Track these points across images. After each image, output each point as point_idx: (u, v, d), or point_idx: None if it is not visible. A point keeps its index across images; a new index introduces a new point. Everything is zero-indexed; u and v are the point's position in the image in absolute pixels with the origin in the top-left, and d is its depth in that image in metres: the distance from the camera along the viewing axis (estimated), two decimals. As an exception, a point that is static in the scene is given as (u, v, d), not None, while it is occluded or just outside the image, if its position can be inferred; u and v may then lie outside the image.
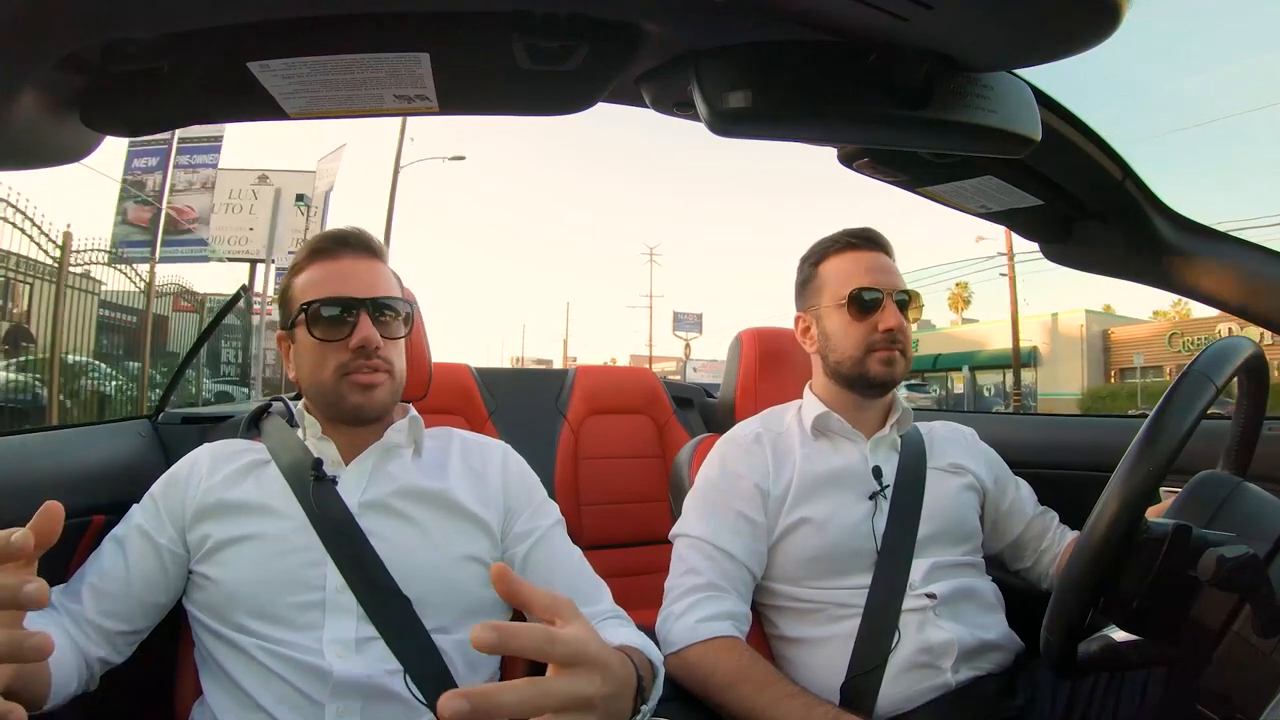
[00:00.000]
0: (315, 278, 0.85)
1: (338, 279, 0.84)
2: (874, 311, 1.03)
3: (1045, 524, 1.11)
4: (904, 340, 1.04)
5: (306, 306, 0.83)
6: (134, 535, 0.81)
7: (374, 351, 0.82)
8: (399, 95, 0.67)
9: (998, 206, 1.00)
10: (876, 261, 1.06)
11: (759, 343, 1.35)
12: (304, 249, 0.89)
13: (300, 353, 0.86)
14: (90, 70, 0.62)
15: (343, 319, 0.82)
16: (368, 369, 0.82)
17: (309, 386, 0.87)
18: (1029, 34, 0.56)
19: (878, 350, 1.03)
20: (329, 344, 0.82)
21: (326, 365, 0.82)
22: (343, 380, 0.82)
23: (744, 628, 0.96)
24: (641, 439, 1.95)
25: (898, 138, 0.69)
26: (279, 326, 0.91)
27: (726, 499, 1.02)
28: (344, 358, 0.82)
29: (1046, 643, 0.66)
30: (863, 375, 1.04)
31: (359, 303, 0.83)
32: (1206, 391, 0.63)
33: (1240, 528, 0.64)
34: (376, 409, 0.84)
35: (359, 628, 0.77)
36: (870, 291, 1.03)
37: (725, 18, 0.60)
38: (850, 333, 1.04)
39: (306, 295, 0.84)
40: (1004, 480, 1.13)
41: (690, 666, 0.91)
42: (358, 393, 0.83)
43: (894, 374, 1.04)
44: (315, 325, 0.82)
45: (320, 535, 0.79)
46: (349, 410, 0.84)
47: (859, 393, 1.06)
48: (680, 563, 1.01)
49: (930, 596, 0.94)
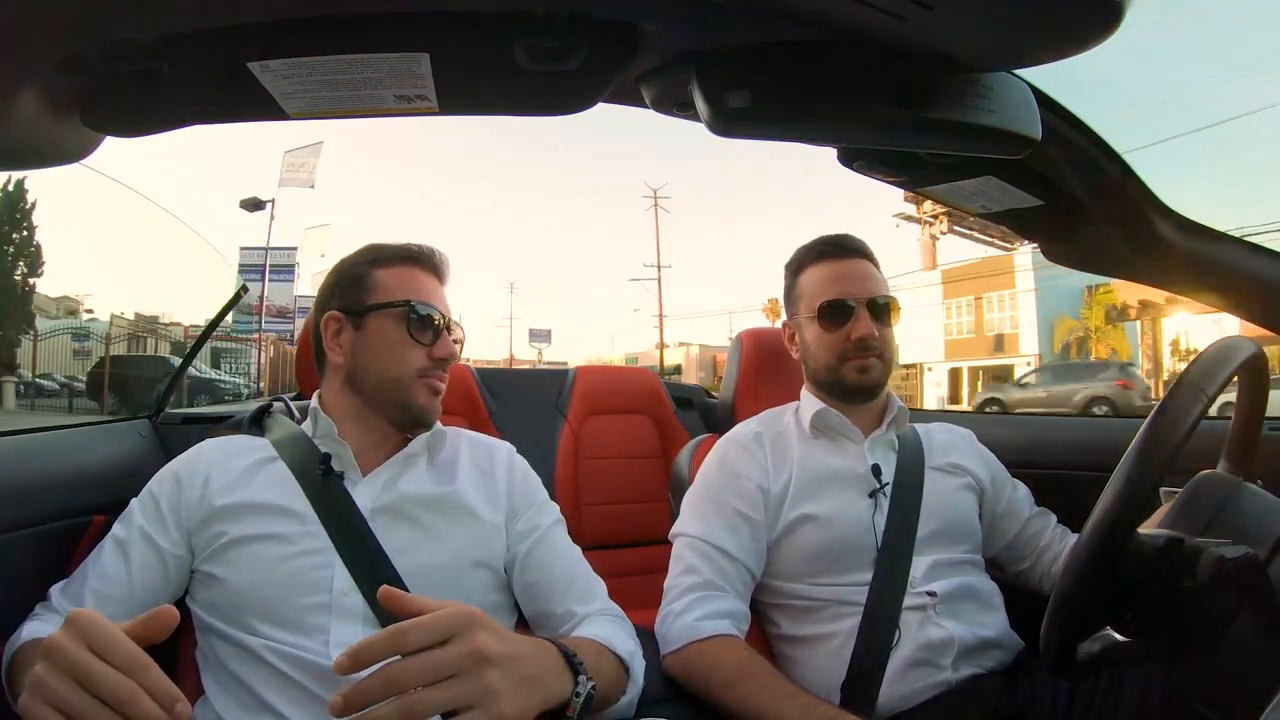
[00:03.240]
0: (409, 282, 0.89)
1: (430, 292, 0.90)
2: (846, 321, 1.05)
3: (1042, 525, 1.11)
4: (880, 346, 1.05)
5: (413, 305, 0.87)
6: (136, 538, 0.80)
7: (448, 365, 0.89)
8: (399, 95, 0.67)
9: (998, 206, 1.00)
10: (849, 269, 1.08)
11: (759, 343, 1.35)
12: (398, 249, 0.92)
13: (377, 342, 0.87)
14: (90, 70, 0.62)
15: (434, 326, 0.88)
16: (441, 379, 0.89)
17: (375, 376, 0.86)
18: (1029, 34, 0.56)
19: (851, 359, 1.05)
20: (419, 346, 0.87)
21: (410, 363, 0.86)
22: (418, 381, 0.86)
23: (743, 626, 0.97)
24: (642, 439, 1.95)
25: (898, 138, 0.70)
26: (329, 306, 0.90)
27: (724, 498, 1.02)
28: (425, 363, 0.87)
29: (1046, 642, 0.66)
30: (839, 383, 1.06)
31: (446, 319, 0.90)
32: (1199, 402, 0.63)
33: (1240, 528, 0.65)
34: (435, 415, 0.89)
35: (365, 631, 0.76)
36: (839, 303, 1.05)
37: (725, 18, 0.60)
38: (824, 343, 1.07)
39: (402, 293, 0.88)
40: (1001, 481, 1.13)
41: (690, 665, 0.92)
42: (428, 395, 0.87)
43: (869, 381, 1.05)
44: (412, 324, 0.86)
45: (329, 532, 0.79)
46: (415, 410, 0.86)
47: (840, 399, 1.08)
48: (679, 562, 1.02)
49: (931, 594, 0.95)
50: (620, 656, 0.77)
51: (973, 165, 0.88)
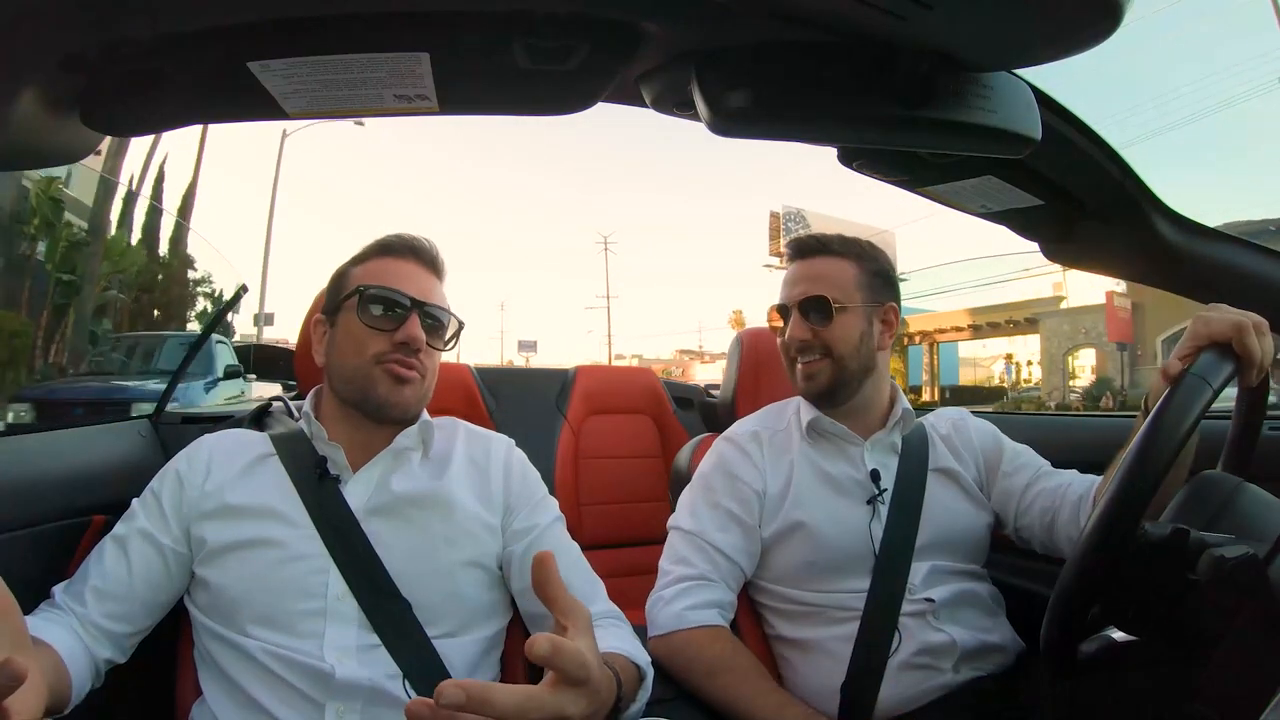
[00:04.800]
0: (378, 270, 0.87)
1: (400, 277, 0.86)
2: (786, 325, 1.05)
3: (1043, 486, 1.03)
4: (819, 347, 1.02)
5: (363, 289, 0.84)
6: (136, 536, 0.80)
7: (414, 351, 0.84)
8: (399, 95, 0.67)
9: (998, 206, 1.00)
10: (792, 274, 1.08)
11: (758, 343, 1.35)
12: (374, 243, 0.91)
13: (340, 337, 0.86)
14: (90, 70, 0.62)
15: (395, 312, 0.84)
16: (405, 365, 0.83)
17: (339, 371, 0.86)
18: (1029, 34, 0.56)
19: (795, 364, 1.05)
20: (375, 331, 0.83)
21: (366, 350, 0.83)
22: (376, 367, 0.83)
23: (729, 615, 0.99)
24: (642, 439, 1.95)
25: (898, 138, 0.69)
26: (319, 311, 0.91)
27: (719, 497, 1.03)
28: (385, 348, 0.83)
29: (1046, 643, 0.66)
30: (799, 387, 1.07)
31: (415, 302, 0.84)
32: (1204, 394, 0.63)
33: (1240, 528, 0.64)
34: (399, 406, 0.84)
35: (360, 635, 0.77)
36: (779, 309, 1.07)
37: (725, 18, 0.60)
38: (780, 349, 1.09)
39: (364, 281, 0.85)
40: (993, 460, 1.08)
41: (674, 651, 0.93)
42: (388, 382, 0.83)
43: (812, 386, 1.03)
44: (365, 311, 0.84)
45: (323, 538, 0.79)
46: (375, 401, 0.83)
47: (814, 403, 1.07)
48: (672, 550, 1.03)
49: (929, 600, 0.94)
50: (639, 667, 0.76)
51: (973, 165, 0.88)
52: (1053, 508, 1.00)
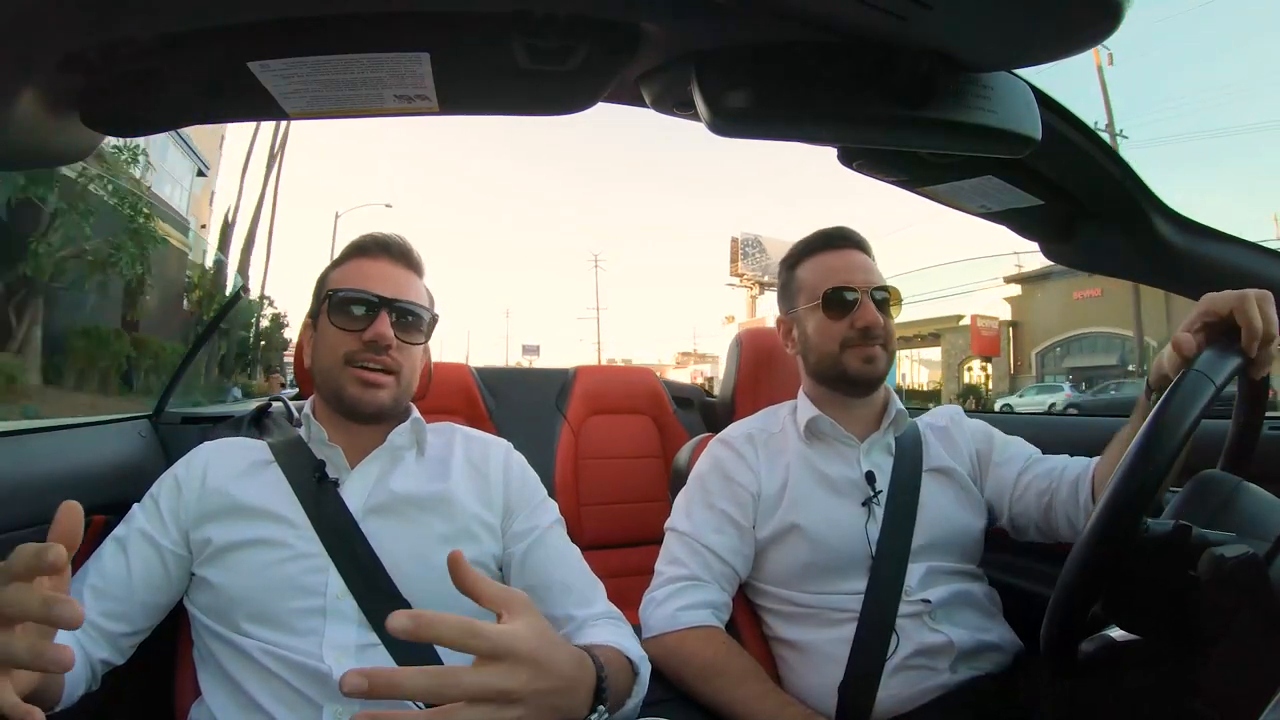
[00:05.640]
0: (349, 272, 0.88)
1: (369, 277, 0.87)
2: (850, 310, 1.03)
3: (1037, 471, 1.03)
4: (884, 336, 1.03)
5: (332, 294, 0.85)
6: (136, 537, 0.80)
7: (384, 349, 0.84)
8: (399, 95, 0.67)
9: (998, 206, 1.00)
10: (851, 260, 1.06)
11: (758, 342, 1.35)
12: (348, 246, 0.92)
13: (318, 340, 0.88)
14: (90, 70, 0.62)
15: (363, 313, 0.84)
16: (375, 365, 0.84)
17: (317, 373, 0.88)
18: (1029, 34, 0.56)
19: (854, 346, 1.03)
20: (344, 332, 0.84)
21: (336, 351, 0.84)
22: (346, 369, 0.84)
23: (724, 616, 0.98)
24: (642, 439, 1.95)
25: (898, 138, 0.69)
26: (308, 316, 0.93)
27: (713, 499, 1.03)
28: (354, 347, 0.84)
29: (1046, 642, 0.66)
30: (842, 373, 1.04)
31: (383, 301, 0.85)
32: (1206, 391, 0.63)
33: (1240, 528, 0.64)
34: (372, 407, 0.85)
35: (359, 634, 0.77)
36: (845, 290, 1.03)
37: (725, 18, 0.60)
38: (827, 331, 1.04)
39: (335, 285, 0.87)
40: (985, 452, 1.09)
41: (668, 652, 0.93)
42: (357, 385, 0.84)
43: (874, 371, 1.03)
44: (335, 313, 0.85)
45: (322, 539, 0.79)
46: (347, 402, 0.84)
47: (843, 392, 1.06)
48: (667, 552, 1.03)
49: (925, 602, 0.94)
50: (631, 660, 0.76)
51: (973, 165, 0.88)
52: (1049, 489, 1.00)
